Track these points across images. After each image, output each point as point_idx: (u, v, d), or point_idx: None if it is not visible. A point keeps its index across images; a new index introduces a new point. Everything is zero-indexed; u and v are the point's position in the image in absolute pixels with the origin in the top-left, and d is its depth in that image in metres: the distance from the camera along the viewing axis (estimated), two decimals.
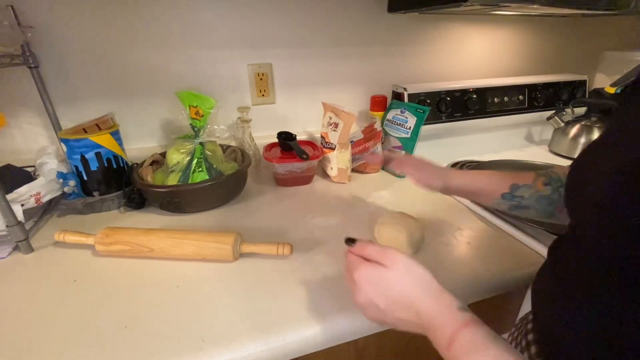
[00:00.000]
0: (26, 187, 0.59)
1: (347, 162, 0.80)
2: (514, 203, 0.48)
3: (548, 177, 0.47)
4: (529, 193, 0.47)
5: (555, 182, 0.46)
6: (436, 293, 0.34)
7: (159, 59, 0.81)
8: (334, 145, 0.79)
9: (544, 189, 0.46)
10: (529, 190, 0.47)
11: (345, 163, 0.80)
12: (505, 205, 0.49)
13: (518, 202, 0.48)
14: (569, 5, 0.72)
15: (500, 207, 0.51)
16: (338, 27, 0.91)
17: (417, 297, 0.34)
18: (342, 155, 0.79)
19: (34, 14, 0.69)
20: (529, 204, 0.47)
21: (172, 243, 0.53)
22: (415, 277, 0.35)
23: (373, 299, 0.35)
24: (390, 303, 0.34)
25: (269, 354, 0.40)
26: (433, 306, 0.33)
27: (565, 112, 1.00)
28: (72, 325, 0.42)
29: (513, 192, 0.48)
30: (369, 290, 0.35)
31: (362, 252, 0.38)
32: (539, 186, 0.47)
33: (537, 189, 0.47)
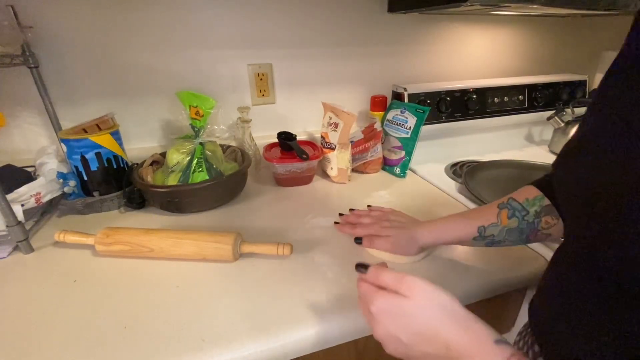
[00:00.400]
0: (26, 187, 0.59)
1: (347, 162, 0.80)
2: (487, 241, 0.49)
3: (511, 209, 0.46)
4: (497, 230, 0.47)
5: (520, 212, 0.46)
6: (466, 324, 0.31)
7: (159, 59, 0.81)
8: (334, 145, 0.79)
9: (509, 222, 0.46)
10: (496, 227, 0.47)
11: (345, 163, 0.80)
12: (481, 245, 0.50)
13: (491, 239, 0.48)
14: (569, 5, 0.72)
15: (476, 246, 0.52)
16: (338, 27, 0.91)
17: (444, 328, 0.31)
18: (342, 155, 0.79)
19: (34, 14, 0.69)
20: (501, 238, 0.47)
21: (172, 243, 0.53)
22: (439, 306, 0.32)
23: (394, 333, 0.32)
24: (414, 336, 0.32)
25: (269, 354, 0.40)
26: (464, 339, 0.30)
27: (565, 112, 1.00)
28: (72, 325, 0.42)
29: (482, 234, 0.48)
30: (389, 324, 0.33)
31: (377, 280, 0.35)
32: (504, 221, 0.47)
33: (503, 224, 0.47)
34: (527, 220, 0.45)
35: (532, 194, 0.46)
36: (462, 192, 0.76)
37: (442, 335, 0.30)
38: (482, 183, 0.77)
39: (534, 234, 0.46)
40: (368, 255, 0.55)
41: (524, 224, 0.45)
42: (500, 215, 0.47)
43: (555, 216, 0.44)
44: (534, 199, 0.45)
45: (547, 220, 0.44)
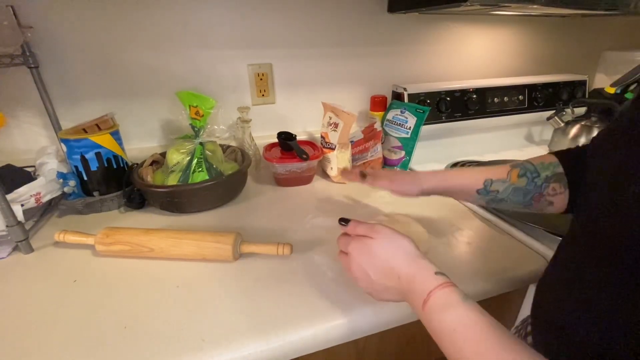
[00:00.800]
0: (26, 187, 0.59)
1: (347, 162, 0.80)
2: (489, 197, 0.49)
3: (523, 168, 0.47)
4: (503, 187, 0.48)
5: (531, 173, 0.46)
6: (414, 258, 0.37)
7: (159, 59, 0.81)
8: (334, 145, 0.79)
9: (518, 181, 0.47)
10: (503, 184, 0.48)
11: (345, 163, 0.80)
12: (482, 200, 0.50)
13: (494, 196, 0.48)
14: (569, 5, 0.72)
15: (478, 202, 0.52)
16: (338, 27, 0.91)
17: (398, 262, 0.37)
18: (342, 155, 0.79)
19: (34, 14, 0.69)
20: (504, 197, 0.48)
21: (172, 243, 0.53)
22: (396, 245, 0.38)
23: (364, 267, 0.38)
24: (378, 271, 0.37)
25: (269, 354, 0.40)
26: (411, 270, 0.36)
27: (565, 112, 1.00)
28: (72, 325, 0.42)
29: (487, 187, 0.48)
30: (361, 260, 0.39)
31: (354, 231, 0.42)
32: (513, 178, 0.47)
33: (512, 181, 0.47)
34: (536, 182, 0.45)
35: (548, 159, 0.46)
36: None
37: (396, 269, 0.36)
38: None
39: (538, 198, 0.46)
40: None
41: (532, 185, 0.46)
42: (510, 173, 0.47)
43: (564, 185, 0.44)
44: (549, 164, 0.45)
45: (554, 187, 0.45)
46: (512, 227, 0.61)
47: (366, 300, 0.45)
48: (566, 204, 0.45)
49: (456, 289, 0.33)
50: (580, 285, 0.33)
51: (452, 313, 0.31)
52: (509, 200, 0.48)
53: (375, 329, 0.45)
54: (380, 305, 0.45)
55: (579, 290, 0.33)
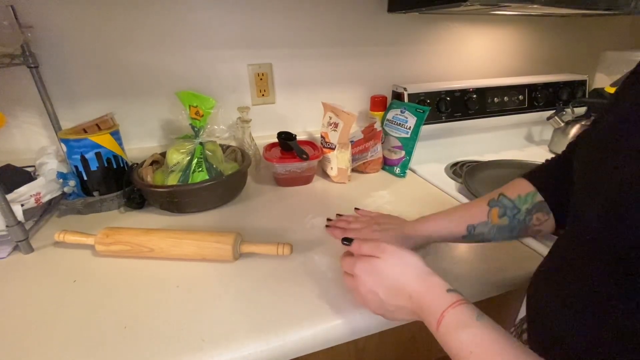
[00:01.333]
0: (26, 187, 0.59)
1: (347, 162, 0.80)
2: (477, 239, 0.49)
3: (502, 207, 0.46)
4: (486, 229, 0.47)
5: (511, 210, 0.46)
6: (425, 276, 0.36)
7: (159, 59, 0.81)
8: (334, 145, 0.79)
9: (500, 221, 0.46)
10: (485, 226, 0.47)
11: (345, 163, 0.80)
12: (470, 241, 0.50)
13: (480, 237, 0.48)
14: (569, 5, 0.72)
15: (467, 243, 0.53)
16: (338, 27, 0.91)
17: (408, 281, 0.36)
18: (342, 155, 0.79)
19: (34, 14, 0.69)
20: (491, 237, 0.48)
21: (172, 243, 0.53)
22: (405, 263, 0.37)
23: (373, 289, 0.37)
24: (388, 291, 0.36)
25: (269, 354, 0.40)
26: (422, 288, 0.35)
27: (565, 112, 1.00)
28: (72, 325, 0.42)
29: (471, 233, 0.48)
30: (368, 282, 0.37)
31: (359, 250, 0.40)
32: (494, 220, 0.47)
33: (494, 222, 0.47)
34: (518, 218, 0.45)
35: (524, 190, 0.46)
36: (462, 192, 0.76)
37: (407, 288, 0.35)
38: (482, 183, 0.77)
39: (524, 230, 0.46)
40: None
41: (515, 222, 0.45)
42: (490, 214, 0.47)
43: (547, 212, 0.44)
44: (527, 195, 0.45)
45: (538, 217, 0.45)
46: None
47: None
48: (554, 226, 0.45)
49: (469, 306, 0.32)
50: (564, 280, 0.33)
51: (467, 333, 0.30)
52: (497, 238, 0.48)
53: (375, 329, 0.45)
54: None
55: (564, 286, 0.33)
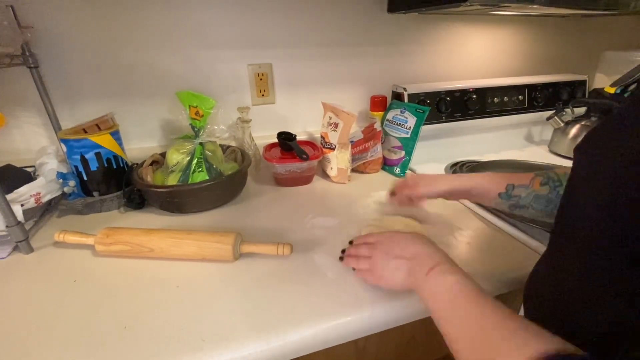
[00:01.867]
0: (26, 187, 0.59)
1: (347, 162, 0.80)
2: (512, 202, 0.50)
3: (546, 177, 0.48)
4: (525, 193, 0.48)
5: (554, 182, 0.47)
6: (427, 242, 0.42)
7: (159, 59, 0.81)
8: (334, 145, 0.79)
9: (540, 189, 0.48)
10: (525, 190, 0.48)
11: (345, 163, 0.80)
12: (504, 205, 0.51)
13: (516, 201, 0.49)
14: (569, 5, 0.72)
15: (500, 207, 0.52)
16: (338, 27, 0.91)
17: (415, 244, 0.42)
18: (342, 155, 0.79)
19: (34, 14, 0.69)
20: (526, 203, 0.49)
21: (172, 243, 0.53)
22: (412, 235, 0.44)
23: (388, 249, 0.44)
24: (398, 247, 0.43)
25: (269, 354, 0.40)
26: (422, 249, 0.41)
27: (565, 112, 1.00)
28: (72, 325, 0.42)
29: (509, 192, 0.49)
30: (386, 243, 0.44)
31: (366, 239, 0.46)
32: (535, 186, 0.48)
33: (534, 188, 0.48)
34: (558, 191, 0.46)
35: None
36: None
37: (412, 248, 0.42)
38: None
39: None
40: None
41: (554, 194, 0.46)
42: (533, 180, 0.48)
43: None
44: None
45: None
46: (512, 227, 0.61)
47: (366, 301, 0.46)
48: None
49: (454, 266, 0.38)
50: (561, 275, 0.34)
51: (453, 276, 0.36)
52: (531, 208, 0.48)
53: (375, 329, 0.45)
54: (380, 305, 0.45)
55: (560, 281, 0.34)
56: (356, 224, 0.64)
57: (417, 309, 0.46)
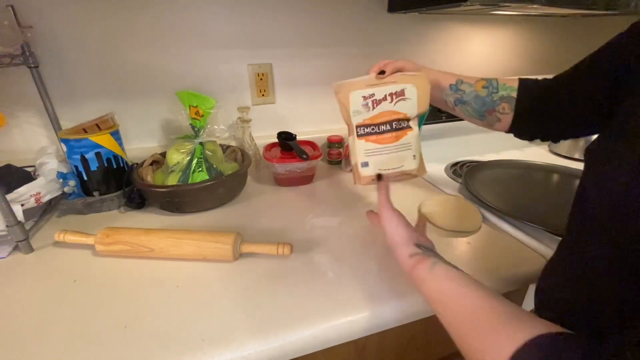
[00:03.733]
0: (26, 187, 0.59)
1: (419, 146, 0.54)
2: (457, 96, 0.56)
3: (488, 82, 0.55)
4: (469, 90, 0.55)
5: (493, 88, 0.54)
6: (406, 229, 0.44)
7: (159, 59, 0.81)
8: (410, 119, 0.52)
9: (481, 90, 0.55)
10: (469, 87, 0.55)
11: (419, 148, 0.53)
12: (451, 98, 0.57)
13: (460, 95, 0.56)
14: (569, 5, 0.72)
15: (447, 99, 0.57)
16: (338, 27, 0.91)
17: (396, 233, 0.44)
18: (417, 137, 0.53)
19: (34, 14, 0.69)
20: (468, 99, 0.55)
21: (172, 243, 0.53)
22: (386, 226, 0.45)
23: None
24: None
25: (269, 354, 0.40)
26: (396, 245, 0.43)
27: None
28: (72, 325, 0.42)
29: (458, 85, 0.56)
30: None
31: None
32: (478, 87, 0.55)
33: (476, 88, 0.55)
34: (493, 97, 0.54)
35: (510, 83, 0.54)
36: (462, 192, 0.76)
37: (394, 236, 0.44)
38: (482, 183, 0.77)
39: (490, 111, 0.55)
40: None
41: (489, 98, 0.54)
42: (477, 82, 0.56)
43: (512, 109, 0.53)
44: (508, 87, 0.54)
45: (504, 106, 0.54)
46: (512, 227, 0.61)
47: (366, 301, 0.46)
48: (509, 125, 0.55)
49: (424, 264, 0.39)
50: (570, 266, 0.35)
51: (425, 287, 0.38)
52: (470, 105, 0.55)
53: (375, 329, 0.45)
54: (380, 305, 0.45)
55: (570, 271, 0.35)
56: (356, 224, 0.64)
57: (417, 309, 0.46)
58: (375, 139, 0.52)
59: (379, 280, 0.49)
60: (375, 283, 0.49)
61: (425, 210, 0.66)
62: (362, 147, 0.53)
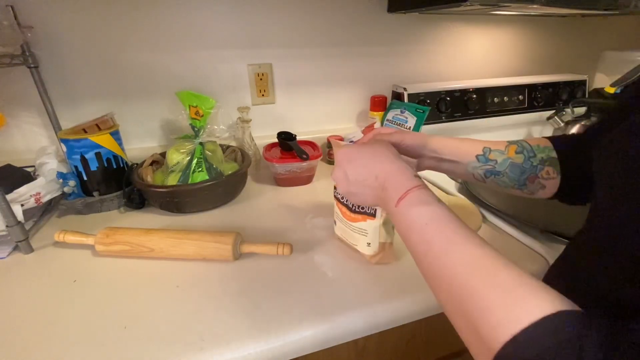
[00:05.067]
0: (26, 187, 0.59)
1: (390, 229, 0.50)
2: (488, 167, 0.48)
3: (520, 146, 0.48)
4: (501, 158, 0.48)
5: (528, 152, 0.47)
6: (394, 159, 0.39)
7: (159, 59, 0.81)
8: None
9: (515, 157, 0.47)
10: (501, 155, 0.48)
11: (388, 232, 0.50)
12: (480, 170, 0.49)
13: (492, 166, 0.48)
14: (569, 5, 0.72)
15: (475, 172, 0.50)
16: (338, 27, 0.91)
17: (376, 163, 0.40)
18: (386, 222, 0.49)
19: (34, 14, 0.69)
20: (502, 169, 0.48)
21: (172, 243, 0.53)
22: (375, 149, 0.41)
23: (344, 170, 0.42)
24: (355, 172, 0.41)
25: (269, 354, 0.40)
26: (390, 169, 0.38)
27: (565, 112, 1.00)
28: (72, 325, 0.42)
29: (486, 154, 0.48)
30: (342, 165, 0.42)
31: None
32: (511, 153, 0.47)
33: (509, 155, 0.47)
34: (532, 162, 0.46)
35: (543, 143, 0.47)
36: (462, 192, 0.76)
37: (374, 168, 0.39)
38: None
39: (533, 179, 0.47)
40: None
41: (528, 164, 0.47)
42: (508, 148, 0.48)
43: (557, 171, 0.46)
44: (544, 148, 0.47)
45: (548, 170, 0.46)
46: (512, 227, 0.61)
47: (366, 301, 0.46)
48: (556, 189, 0.47)
49: (430, 192, 0.35)
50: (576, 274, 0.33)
51: (426, 209, 0.33)
52: (506, 175, 0.48)
53: (375, 329, 0.45)
54: (380, 305, 0.45)
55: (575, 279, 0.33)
56: None
57: (418, 309, 0.46)
58: (340, 207, 0.53)
59: (379, 280, 0.49)
60: (376, 283, 0.49)
61: None
62: (335, 208, 0.56)
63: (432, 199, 0.34)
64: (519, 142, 0.48)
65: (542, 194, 0.48)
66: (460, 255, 0.29)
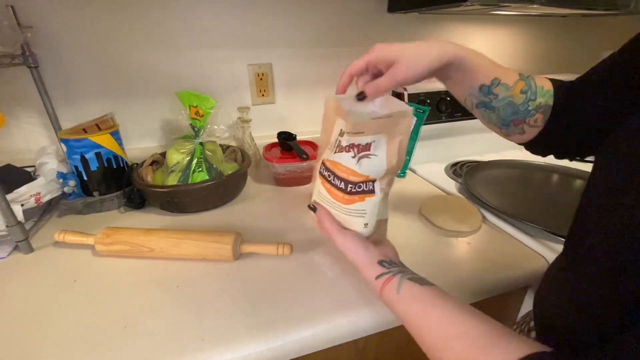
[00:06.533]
0: (26, 187, 0.59)
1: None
2: (485, 100, 0.45)
3: (528, 85, 0.43)
4: (503, 94, 0.43)
5: (531, 93, 0.43)
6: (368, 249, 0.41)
7: (159, 58, 0.81)
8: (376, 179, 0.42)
9: (518, 96, 0.43)
10: (505, 91, 0.43)
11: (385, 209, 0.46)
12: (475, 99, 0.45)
13: (490, 99, 0.44)
14: (569, 5, 0.72)
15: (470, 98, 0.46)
16: (338, 27, 0.91)
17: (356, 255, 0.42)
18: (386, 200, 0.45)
19: (34, 14, 0.69)
20: (497, 106, 0.44)
21: (172, 243, 0.53)
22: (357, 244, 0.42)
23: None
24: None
25: (269, 354, 0.40)
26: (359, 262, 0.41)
27: None
28: (72, 325, 0.42)
29: (492, 87, 0.44)
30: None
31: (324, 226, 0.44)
32: (515, 91, 0.43)
33: (513, 93, 0.43)
34: (529, 106, 0.43)
35: (547, 86, 0.44)
36: (462, 192, 0.76)
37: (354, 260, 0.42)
38: (482, 183, 0.77)
39: (518, 122, 0.44)
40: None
41: (524, 107, 0.43)
42: (516, 84, 0.44)
43: (545, 121, 0.44)
44: (547, 92, 0.43)
45: (538, 118, 0.44)
46: (512, 227, 0.61)
47: (366, 301, 0.45)
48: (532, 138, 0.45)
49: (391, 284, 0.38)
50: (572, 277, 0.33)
51: (396, 310, 0.37)
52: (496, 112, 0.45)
53: (375, 329, 0.45)
54: (381, 305, 0.45)
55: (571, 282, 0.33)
56: None
57: None
58: (329, 188, 0.44)
59: None
60: None
61: (425, 210, 0.66)
62: (317, 188, 0.46)
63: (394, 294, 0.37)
64: (527, 80, 0.44)
65: (516, 139, 0.47)
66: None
